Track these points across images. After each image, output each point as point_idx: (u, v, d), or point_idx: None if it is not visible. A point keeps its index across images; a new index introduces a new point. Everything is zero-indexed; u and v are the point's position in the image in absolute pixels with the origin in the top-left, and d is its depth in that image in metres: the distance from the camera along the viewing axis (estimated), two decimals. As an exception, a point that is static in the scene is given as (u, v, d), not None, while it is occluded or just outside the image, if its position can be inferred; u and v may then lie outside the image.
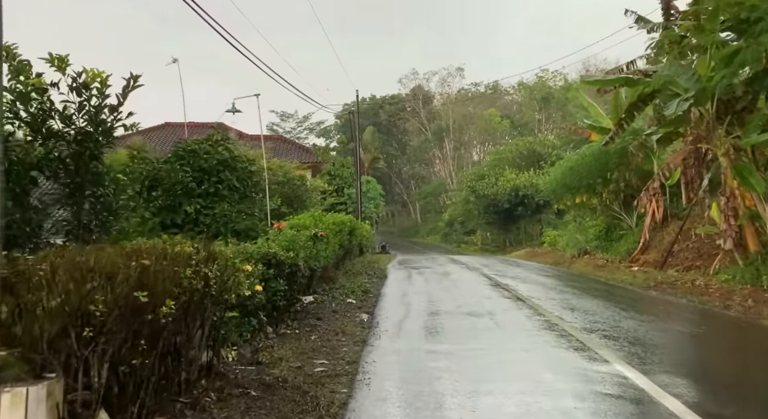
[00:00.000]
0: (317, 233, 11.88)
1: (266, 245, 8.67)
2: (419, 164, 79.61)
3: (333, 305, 11.02)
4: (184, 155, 10.16)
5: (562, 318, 9.54)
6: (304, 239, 10.31)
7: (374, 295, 12.88)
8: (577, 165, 23.48)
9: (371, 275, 17.17)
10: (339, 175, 33.74)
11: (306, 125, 79.47)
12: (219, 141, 10.69)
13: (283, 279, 8.67)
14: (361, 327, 9.13)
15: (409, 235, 75.59)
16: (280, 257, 8.60)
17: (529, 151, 45.46)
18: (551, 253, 28.58)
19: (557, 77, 76.71)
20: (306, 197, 17.69)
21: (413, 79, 79.94)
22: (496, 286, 14.21)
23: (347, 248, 18.55)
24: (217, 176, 10.23)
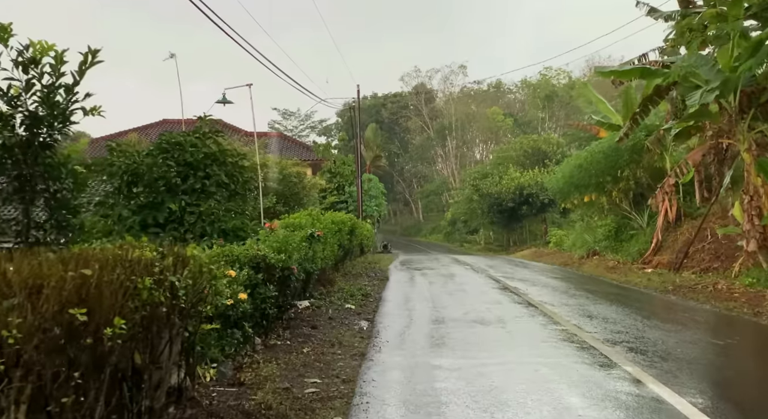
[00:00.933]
0: (314, 233, 11.06)
1: (255, 247, 7.85)
2: (421, 163, 78.83)
3: (330, 312, 10.19)
4: (168, 148, 9.33)
5: (580, 327, 8.70)
6: (299, 239, 9.48)
7: (375, 299, 12.05)
8: (586, 163, 22.62)
9: (372, 277, 16.34)
10: (340, 173, 32.90)
11: (308, 123, 78.83)
12: (208, 133, 9.86)
13: (273, 285, 7.84)
14: (360, 336, 8.30)
15: (411, 234, 74.83)
16: (270, 261, 7.78)
17: (534, 149, 44.61)
18: (558, 253, 27.73)
19: (561, 75, 76.08)
20: (303, 195, 16.87)
21: (415, 77, 79.19)
22: (504, 290, 13.36)
23: (347, 248, 17.73)
24: (204, 171, 9.40)
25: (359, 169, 27.40)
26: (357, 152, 28.04)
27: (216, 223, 8.95)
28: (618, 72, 14.60)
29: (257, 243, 8.51)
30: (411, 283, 15.36)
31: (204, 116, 9.81)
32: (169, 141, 9.35)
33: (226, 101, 13.29)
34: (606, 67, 14.51)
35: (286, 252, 8.44)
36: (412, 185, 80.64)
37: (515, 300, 11.56)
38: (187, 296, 4.70)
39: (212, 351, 6.01)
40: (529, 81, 75.68)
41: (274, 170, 15.99)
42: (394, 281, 15.65)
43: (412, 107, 77.43)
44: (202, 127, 9.85)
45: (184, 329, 4.95)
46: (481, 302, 11.49)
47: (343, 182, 32.81)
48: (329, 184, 32.65)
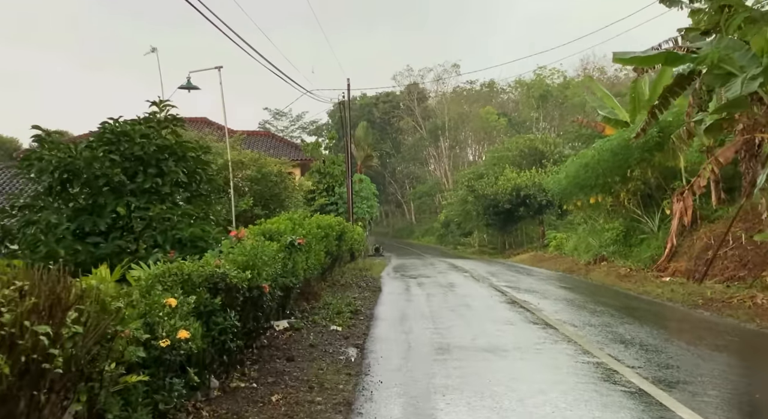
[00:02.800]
0: (294, 241, 9.39)
1: (213, 263, 6.18)
2: (414, 163, 77.29)
3: (312, 336, 8.51)
4: (112, 139, 7.62)
5: (617, 358, 7.07)
6: (275, 250, 7.81)
7: (365, 318, 10.39)
8: (593, 162, 21.01)
9: (362, 288, 14.67)
10: (329, 173, 31.19)
11: (299, 123, 77.15)
12: (163, 121, 8.17)
13: (235, 311, 6.18)
14: (347, 372, 6.63)
15: (403, 236, 73.26)
16: (232, 280, 6.10)
17: (531, 149, 43.08)
18: (560, 258, 26.16)
19: (555, 75, 74.82)
20: (285, 197, 15.15)
21: (408, 76, 77.59)
22: (513, 304, 11.73)
23: (335, 255, 16.05)
24: (156, 167, 7.70)
25: (350, 168, 25.72)
26: (347, 150, 26.36)
27: (169, 231, 7.26)
28: (640, 58, 13.03)
29: (219, 256, 6.85)
30: (407, 295, 13.70)
31: (160, 101, 8.11)
32: (113, 130, 7.64)
33: (192, 87, 11.60)
34: (626, 53, 12.93)
35: (254, 268, 6.77)
36: (405, 186, 79.10)
37: (529, 319, 9.92)
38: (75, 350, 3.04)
39: (138, 414, 4.32)
40: (523, 80, 74.25)
41: (251, 167, 14.27)
42: (387, 293, 13.99)
43: (404, 107, 75.87)
44: (157, 114, 8.14)
45: (75, 395, 3.28)
46: (489, 321, 9.85)
47: (332, 183, 31.12)
48: (318, 185, 30.95)
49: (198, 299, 5.79)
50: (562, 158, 41.12)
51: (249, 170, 14.16)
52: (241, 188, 13.78)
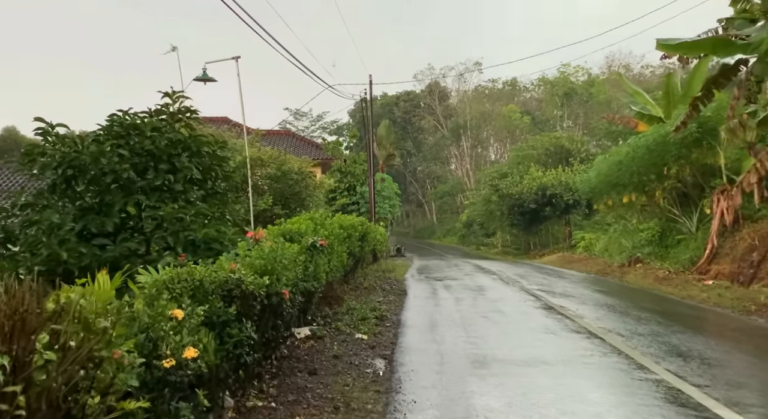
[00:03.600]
0: (315, 242, 8.77)
1: (227, 267, 5.56)
2: (435, 163, 76.52)
3: (335, 346, 7.86)
4: (121, 133, 7.04)
5: (678, 374, 6.30)
6: (294, 252, 7.18)
7: (392, 324, 9.71)
8: (626, 159, 20.11)
9: (387, 292, 14.00)
10: (351, 172, 30.59)
11: (320, 123, 76.85)
12: (176, 114, 7.57)
13: (252, 321, 5.55)
14: (375, 389, 5.97)
15: (424, 236, 72.52)
16: (248, 287, 5.47)
17: (557, 147, 42.05)
18: (590, 259, 25.23)
19: (579, 72, 73.62)
20: (306, 196, 14.51)
21: (429, 74, 76.92)
22: (549, 310, 10.96)
23: (358, 257, 15.41)
24: (168, 163, 7.10)
25: (371, 167, 25.06)
26: (369, 148, 25.70)
27: (182, 232, 6.65)
28: (685, 45, 12.16)
29: (235, 260, 6.24)
30: (434, 299, 12.99)
31: (173, 91, 7.51)
32: (122, 123, 7.06)
33: (208, 79, 11.01)
34: (670, 40, 12.08)
35: (272, 272, 6.14)
36: (426, 185, 78.39)
37: (570, 327, 9.16)
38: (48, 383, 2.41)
39: (137, 447, 3.70)
40: (546, 78, 73.14)
41: (271, 166, 13.65)
42: (413, 297, 13.29)
43: (425, 106, 75.13)
44: (169, 106, 7.56)
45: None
46: (527, 329, 9.11)
47: (354, 182, 30.50)
48: (339, 184, 30.37)
49: (210, 309, 5.18)
50: (589, 157, 40.10)
51: (269, 168, 13.59)
52: (260, 187, 13.23)
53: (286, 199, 13.71)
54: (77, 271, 6.38)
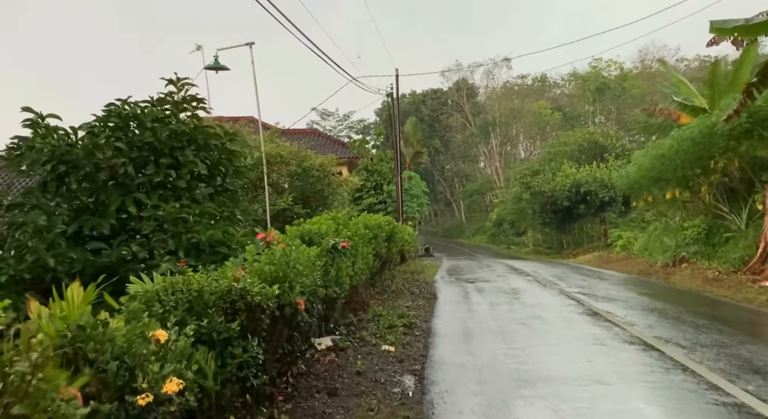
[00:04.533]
0: (337, 244, 7.99)
1: (232, 275, 4.79)
2: (463, 161, 75.36)
3: (359, 359, 7.05)
4: (118, 124, 6.33)
5: (760, 396, 5.34)
6: (311, 256, 6.40)
7: (422, 333, 8.85)
8: (670, 152, 18.91)
9: (416, 295, 13.15)
10: (377, 170, 29.80)
11: (346, 123, 76.38)
12: (181, 103, 6.84)
13: (260, 337, 4.78)
14: (404, 416, 5.16)
15: (453, 235, 71.42)
16: (255, 298, 4.70)
17: (590, 142, 40.68)
18: (629, 259, 23.99)
19: (612, 66, 71.69)
20: (329, 194, 13.72)
21: (456, 71, 75.69)
22: (595, 316, 9.99)
23: (385, 258, 14.61)
24: (171, 157, 6.37)
25: (398, 165, 24.20)
26: (396, 145, 24.85)
27: (185, 234, 5.90)
28: (742, 27, 11.07)
29: (243, 265, 5.48)
30: (466, 304, 12.10)
31: (177, 78, 6.78)
32: (120, 114, 6.35)
33: (220, 67, 10.28)
34: (726, 22, 11.01)
35: (285, 280, 5.36)
36: (454, 184, 77.32)
37: (621, 337, 8.20)
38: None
39: None
40: (578, 73, 71.33)
41: (292, 162, 12.87)
42: (444, 301, 12.42)
43: (452, 104, 74.03)
44: (173, 95, 6.82)
45: None
46: (573, 339, 8.18)
47: (381, 181, 29.69)
48: (366, 183, 29.60)
49: (210, 324, 4.42)
50: (624, 152, 38.69)
51: (289, 165, 12.84)
52: (279, 185, 12.51)
53: (308, 197, 12.95)
54: (68, 279, 5.69)
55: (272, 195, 11.35)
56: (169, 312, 4.31)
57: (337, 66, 16.90)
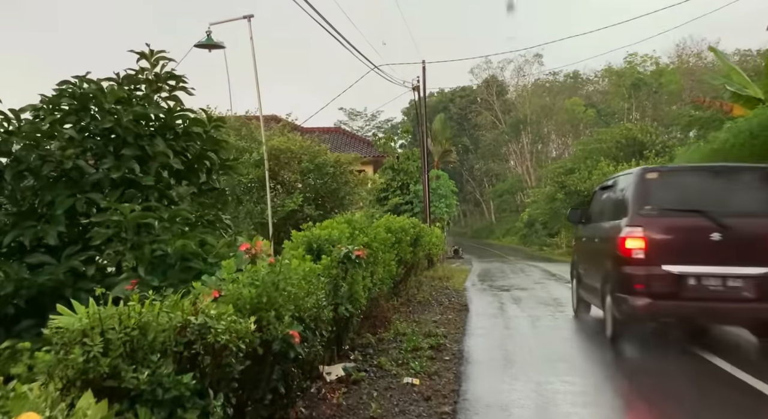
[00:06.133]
0: (350, 253, 6.65)
1: (193, 305, 3.47)
2: (493, 160, 73.59)
3: (375, 398, 5.68)
4: (74, 107, 5.08)
5: None
6: (313, 271, 5.07)
7: (452, 358, 7.44)
8: (725, 147, 17.12)
9: (444, 307, 11.74)
10: (404, 169, 28.48)
11: (374, 123, 75.29)
12: (155, 82, 5.56)
13: (232, 391, 3.47)
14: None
15: (482, 236, 69.69)
16: (218, 337, 3.37)
17: (628, 139, 38.69)
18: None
19: (647, 61, 69.17)
20: (345, 193, 12.34)
21: (486, 68, 73.88)
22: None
23: (410, 263, 13.23)
24: (136, 147, 5.09)
25: (425, 162, 22.82)
26: (422, 142, 23.47)
27: (148, 244, 4.61)
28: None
29: (219, 286, 4.17)
30: (502, 317, 10.67)
31: (150, 51, 5.50)
32: (74, 94, 5.09)
33: (213, 44, 8.97)
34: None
35: (271, 307, 4.03)
36: (483, 184, 75.61)
37: (706, 367, 6.69)
38: None
39: None
40: (612, 68, 68.98)
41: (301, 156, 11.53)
42: (476, 315, 10.99)
43: (481, 101, 72.31)
44: (146, 72, 5.54)
45: None
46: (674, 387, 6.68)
47: (407, 180, 28.35)
48: (392, 182, 28.29)
49: (154, 377, 3.12)
50: (666, 149, 36.72)
51: (301, 161, 11.53)
52: (290, 184, 11.23)
53: (321, 197, 11.64)
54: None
55: (282, 195, 10.13)
56: (94, 361, 3.02)
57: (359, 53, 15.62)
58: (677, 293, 7.24)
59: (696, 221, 7.38)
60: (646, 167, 9.53)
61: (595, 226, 9.41)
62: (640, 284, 7.38)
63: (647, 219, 7.56)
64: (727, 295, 7.14)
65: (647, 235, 7.46)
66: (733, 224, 7.25)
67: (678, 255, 7.36)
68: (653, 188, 7.88)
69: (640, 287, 7.38)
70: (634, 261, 7.45)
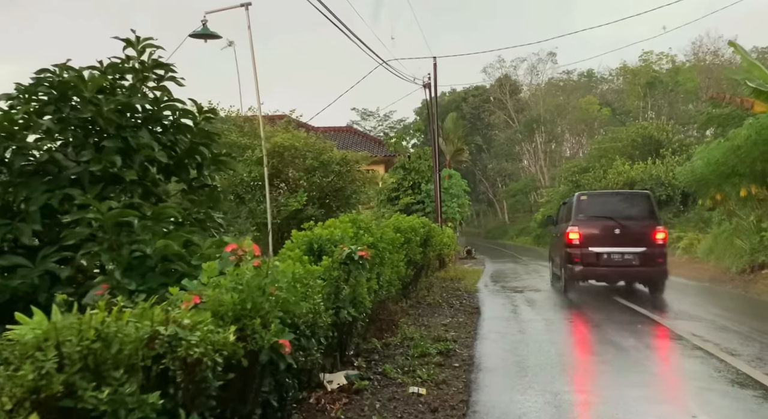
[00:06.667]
0: (353, 254, 6.27)
1: (154, 316, 3.08)
2: (506, 160, 72.85)
3: (377, 410, 5.28)
4: (52, 97, 4.72)
5: None
6: (300, 275, 4.67)
7: (462, 365, 7.01)
8: (747, 144, 16.58)
9: (455, 309, 11.31)
10: (415, 169, 28.02)
11: (387, 123, 74.91)
12: (141, 71, 5.19)
13: (209, 410, 3.07)
14: None
15: (495, 236, 68.95)
16: (191, 351, 2.97)
17: (644, 137, 37.98)
18: (694, 264, 21.61)
19: (663, 59, 68.14)
20: (352, 192, 11.88)
21: (499, 67, 73.12)
22: (679, 341, 7.98)
23: (420, 264, 12.82)
24: (119, 139, 4.72)
25: (436, 160, 22.37)
26: (434, 140, 23.03)
27: (127, 245, 4.24)
28: None
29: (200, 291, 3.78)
30: (516, 321, 10.21)
31: (137, 38, 5.13)
32: (52, 84, 4.73)
33: (209, 34, 8.57)
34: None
35: (256, 313, 3.64)
36: (496, 183, 74.92)
37: (727, 377, 6.21)
38: None
39: None
40: (627, 67, 68.01)
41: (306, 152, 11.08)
42: (488, 318, 10.54)
43: (494, 100, 71.56)
44: (132, 60, 5.18)
45: None
46: (666, 381, 6.24)
47: (419, 180, 27.89)
48: (403, 182, 27.87)
49: (116, 398, 2.75)
50: (683, 147, 36.00)
51: (306, 159, 11.10)
52: (295, 182, 10.84)
53: (326, 196, 11.22)
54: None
55: (287, 194, 9.74)
56: (47, 378, 2.65)
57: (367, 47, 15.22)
58: (597, 263, 12.71)
59: (606, 222, 12.83)
60: (581, 192, 16.26)
61: (558, 226, 15.20)
62: (577, 259, 12.84)
63: (581, 222, 13.05)
64: (623, 263, 12.67)
65: (580, 231, 12.90)
66: (626, 224, 12.72)
67: (597, 241, 12.72)
68: (584, 204, 13.53)
69: (577, 260, 12.85)
70: (574, 246, 12.90)
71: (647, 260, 12.60)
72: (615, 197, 15.00)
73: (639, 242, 12.57)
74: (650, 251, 12.66)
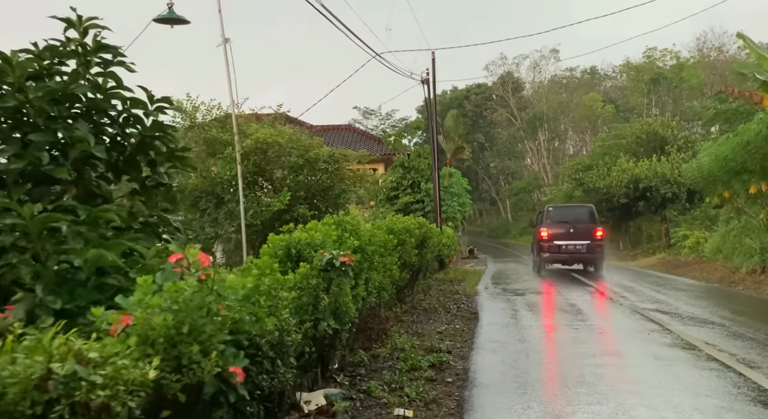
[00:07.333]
0: (333, 261, 5.65)
1: (48, 348, 2.47)
2: (509, 158, 72.16)
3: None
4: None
5: None
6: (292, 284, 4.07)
7: (455, 380, 6.38)
8: (758, 139, 15.89)
9: (452, 315, 10.69)
10: (414, 167, 27.38)
11: (389, 122, 74.09)
12: (84, 55, 4.56)
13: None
14: None
15: (498, 235, 68.31)
16: (93, 394, 2.35)
17: (649, 134, 37.25)
18: (701, 264, 20.95)
19: (667, 56, 67.39)
20: (341, 191, 11.19)
21: (501, 65, 72.39)
22: (692, 351, 7.34)
23: (416, 267, 12.18)
24: (49, 132, 4.11)
25: (435, 158, 21.72)
26: (432, 138, 22.37)
27: (53, 256, 3.62)
28: None
29: (132, 311, 3.16)
30: (516, 327, 9.58)
31: (78, 17, 4.51)
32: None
33: (176, 19, 7.89)
34: None
35: (197, 337, 3.02)
36: (499, 182, 74.22)
37: (751, 395, 5.58)
38: None
39: None
40: (631, 63, 67.25)
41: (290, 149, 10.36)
42: (487, 325, 9.91)
43: (497, 98, 70.84)
44: (73, 42, 4.55)
45: None
46: (676, 395, 5.59)
47: (418, 179, 27.24)
48: (402, 181, 27.22)
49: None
50: (688, 144, 35.31)
51: (291, 156, 10.44)
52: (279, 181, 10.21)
53: (313, 195, 10.56)
54: None
55: (271, 194, 9.14)
56: None
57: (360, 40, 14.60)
58: (559, 251, 19.27)
59: (565, 225, 19.33)
60: (549, 205, 24.31)
61: (535, 227, 21.70)
62: (546, 249, 19.49)
63: (548, 224, 19.73)
64: (575, 251, 19.17)
65: (548, 230, 19.45)
66: (577, 226, 19.24)
67: (559, 237, 19.16)
68: (551, 213, 20.65)
69: (546, 250, 19.52)
70: (544, 240, 19.52)
71: (590, 249, 19.04)
72: (571, 209, 22.77)
73: (585, 237, 19.14)
74: (592, 243, 19.13)
